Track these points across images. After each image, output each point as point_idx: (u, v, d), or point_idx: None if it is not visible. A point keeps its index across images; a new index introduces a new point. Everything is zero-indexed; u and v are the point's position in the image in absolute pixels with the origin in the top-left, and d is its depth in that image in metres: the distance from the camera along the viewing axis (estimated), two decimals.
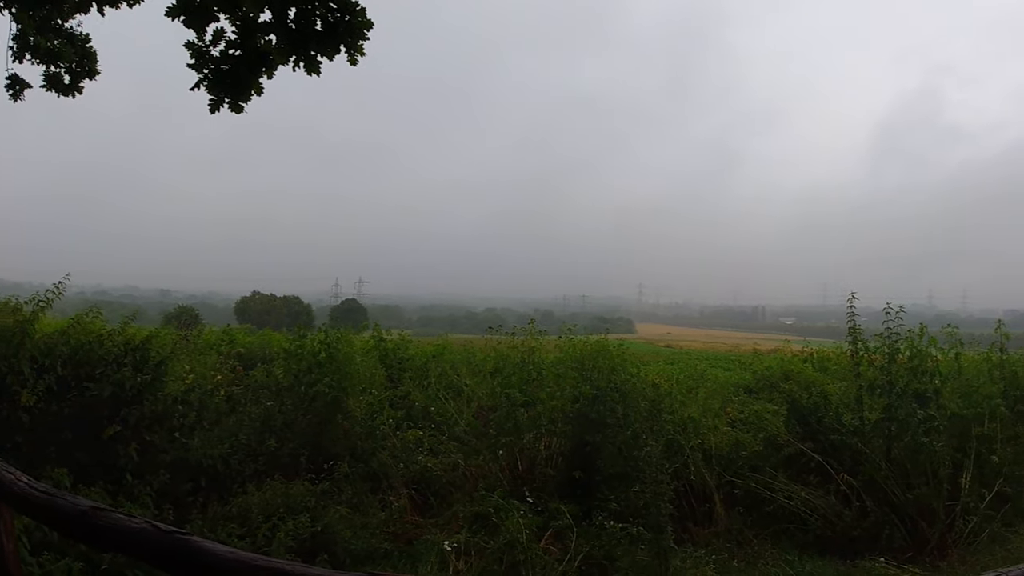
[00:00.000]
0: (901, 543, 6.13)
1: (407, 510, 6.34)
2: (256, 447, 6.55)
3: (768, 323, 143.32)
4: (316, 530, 5.48)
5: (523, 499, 6.01)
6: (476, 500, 6.07)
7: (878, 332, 7.07)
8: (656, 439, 6.30)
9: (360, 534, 5.64)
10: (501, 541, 5.37)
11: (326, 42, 3.88)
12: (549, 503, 6.05)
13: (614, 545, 5.45)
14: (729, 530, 6.29)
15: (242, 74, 4.00)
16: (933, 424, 6.50)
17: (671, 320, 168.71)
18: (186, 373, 6.90)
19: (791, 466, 6.83)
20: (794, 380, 7.70)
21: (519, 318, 77.05)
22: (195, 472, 6.16)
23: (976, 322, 48.91)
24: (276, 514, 5.54)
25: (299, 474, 6.36)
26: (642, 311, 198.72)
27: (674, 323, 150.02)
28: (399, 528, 6.06)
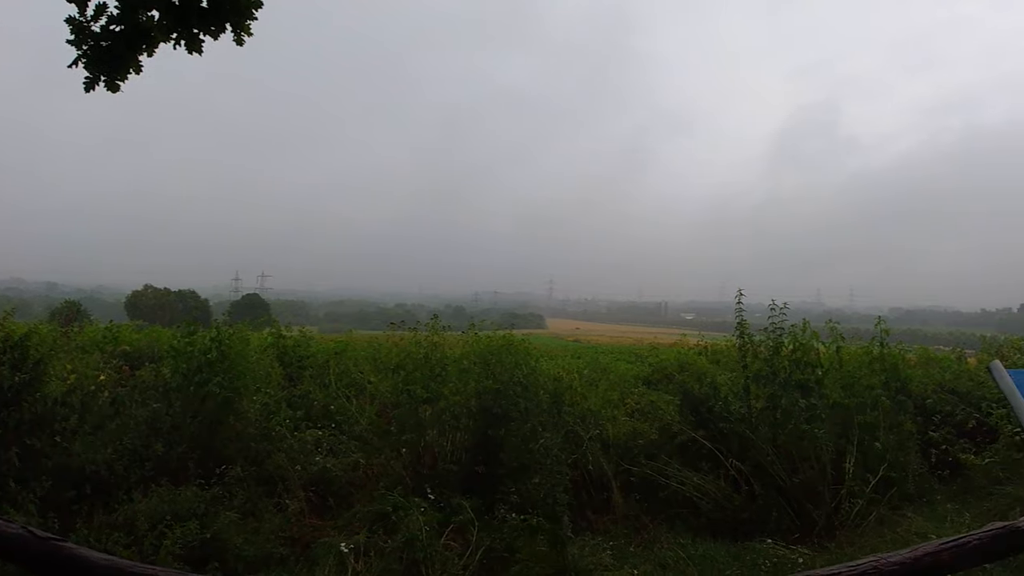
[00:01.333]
0: (790, 525, 6.46)
1: (304, 513, 6.15)
2: (142, 452, 6.21)
3: (670, 318, 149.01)
4: (206, 537, 5.28)
5: (425, 496, 6.00)
6: (376, 499, 5.99)
7: (763, 327, 7.47)
8: (557, 431, 6.41)
9: (253, 540, 5.46)
10: (400, 540, 5.33)
11: (210, 20, 3.66)
12: (451, 499, 6.05)
13: (515, 537, 5.53)
14: (626, 516, 6.48)
15: (121, 51, 3.76)
16: (815, 412, 6.91)
17: (580, 316, 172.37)
18: (67, 373, 6.45)
19: (685, 453, 7.11)
20: (688, 372, 8.00)
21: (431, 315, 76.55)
22: (79, 478, 5.81)
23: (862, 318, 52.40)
24: (163, 522, 5.32)
25: (188, 479, 6.08)
26: (552, 307, 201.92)
27: (583, 319, 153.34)
28: (296, 532, 5.88)
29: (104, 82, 3.80)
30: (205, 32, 3.68)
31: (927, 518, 6.73)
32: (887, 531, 6.40)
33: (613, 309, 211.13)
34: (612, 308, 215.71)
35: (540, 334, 65.51)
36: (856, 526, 6.49)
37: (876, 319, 8.59)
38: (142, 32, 3.67)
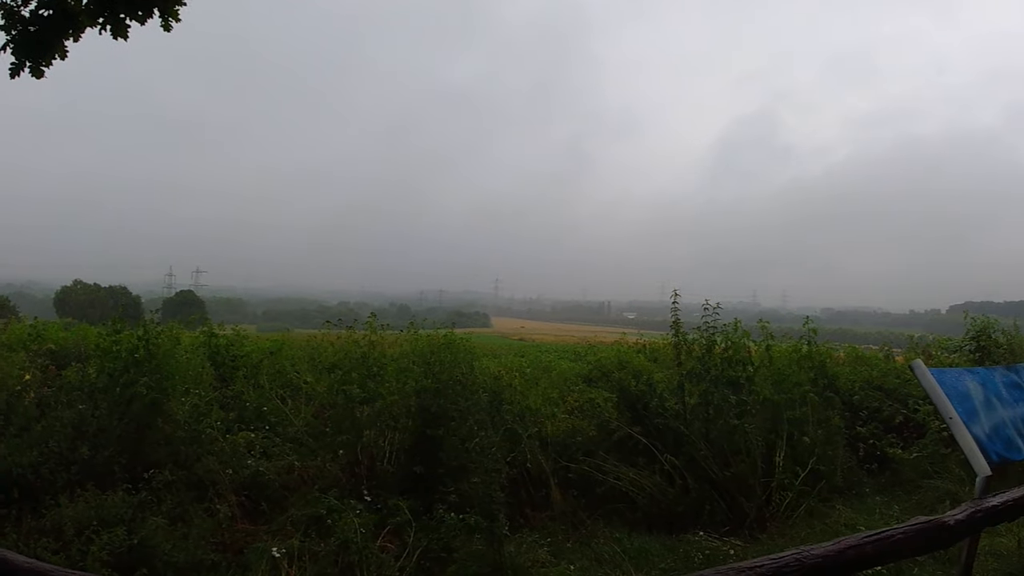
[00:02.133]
0: (722, 517, 6.62)
1: (236, 518, 5.97)
2: (68, 455, 5.93)
3: (613, 317, 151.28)
4: (133, 543, 5.08)
5: (361, 498, 5.90)
6: (310, 503, 5.87)
7: (696, 326, 7.65)
8: (496, 429, 6.43)
9: (182, 546, 5.27)
10: (334, 543, 5.24)
11: (136, 5, 3.62)
12: (388, 500, 5.97)
13: (453, 537, 5.50)
14: (564, 513, 6.54)
15: (48, 36, 3.63)
16: (745, 408, 7.11)
17: (525, 314, 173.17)
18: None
19: (621, 449, 7.22)
20: (626, 370, 8.10)
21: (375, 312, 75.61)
22: (6, 482, 5.57)
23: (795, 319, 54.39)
24: (90, 527, 5.12)
25: (116, 484, 5.81)
26: (498, 306, 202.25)
27: (528, 317, 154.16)
28: (227, 537, 5.70)
29: (29, 68, 3.66)
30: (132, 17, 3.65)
31: (856, 510, 7.02)
32: (817, 522, 6.63)
33: (558, 308, 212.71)
34: (557, 307, 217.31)
35: (486, 333, 65.56)
36: (787, 518, 6.70)
37: (805, 319, 8.89)
38: (69, 16, 3.60)
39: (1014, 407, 4.45)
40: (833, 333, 45.23)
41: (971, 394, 4.12)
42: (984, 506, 3.24)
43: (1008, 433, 4.17)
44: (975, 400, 4.10)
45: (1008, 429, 4.21)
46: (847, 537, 2.50)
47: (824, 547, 2.38)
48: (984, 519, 3.22)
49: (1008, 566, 5.16)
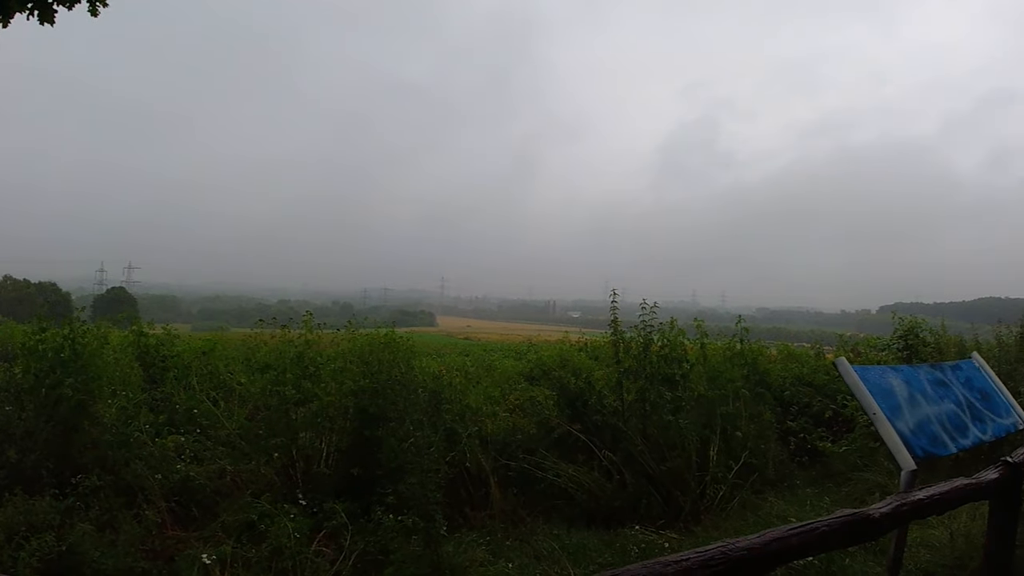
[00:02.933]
0: (659, 511, 6.71)
1: (166, 524, 5.76)
2: None
3: (558, 316, 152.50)
4: (62, 550, 4.91)
5: (296, 502, 5.77)
6: (243, 508, 5.71)
7: (634, 324, 7.77)
8: (435, 429, 6.37)
9: (111, 552, 5.07)
10: (266, 549, 5.12)
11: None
12: (324, 503, 5.84)
13: (390, 539, 5.41)
14: (504, 511, 6.53)
15: None
16: (680, 404, 7.27)
17: (471, 313, 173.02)
18: None
19: (561, 446, 7.26)
20: (567, 368, 8.16)
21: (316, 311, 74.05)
22: None
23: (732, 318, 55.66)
24: (19, 533, 4.97)
25: (43, 489, 5.59)
26: (444, 305, 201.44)
27: (474, 316, 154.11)
28: (158, 544, 5.50)
29: None
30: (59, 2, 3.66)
31: (788, 501, 7.20)
32: (750, 514, 6.78)
33: (504, 307, 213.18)
34: (503, 306, 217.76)
35: (431, 332, 65.18)
36: (721, 510, 6.86)
37: (738, 318, 9.14)
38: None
39: (939, 404, 4.61)
40: (768, 332, 46.61)
41: (895, 391, 4.26)
42: (909, 500, 3.30)
43: (933, 429, 4.31)
44: (899, 397, 4.25)
45: (933, 425, 4.35)
46: (772, 530, 2.54)
47: (749, 540, 2.42)
48: (910, 512, 3.30)
49: (941, 557, 5.29)
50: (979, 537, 4.80)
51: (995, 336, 10.64)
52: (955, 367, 5.36)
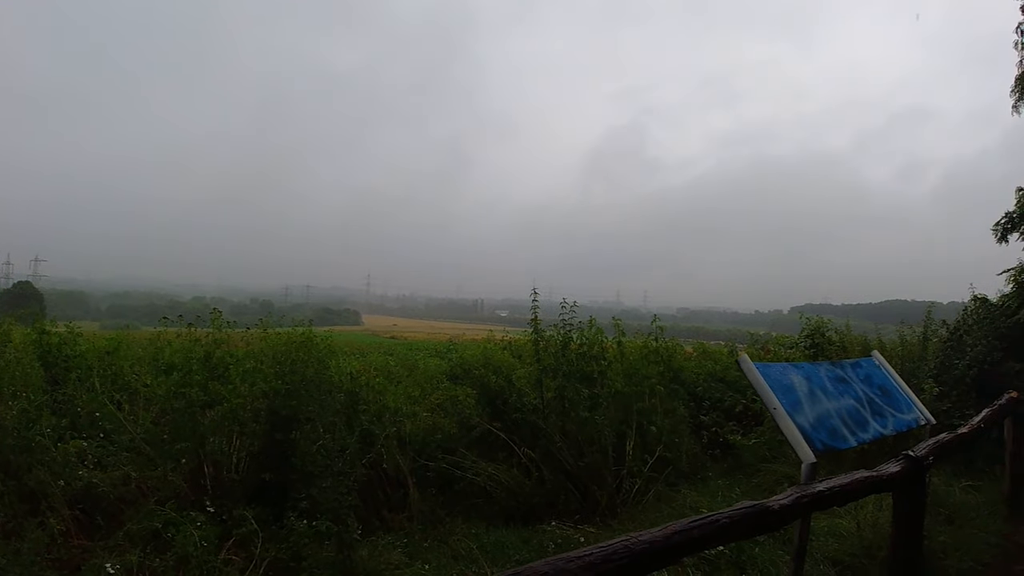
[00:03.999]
0: (577, 506, 6.81)
1: (71, 533, 5.44)
2: None
3: (486, 315, 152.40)
4: None
5: (204, 509, 5.55)
6: (148, 516, 5.45)
7: (554, 323, 7.90)
8: (351, 431, 6.26)
9: (16, 562, 4.76)
10: (171, 558, 4.91)
11: None
12: (234, 510, 5.64)
13: (303, 545, 5.25)
14: (422, 512, 6.46)
15: None
16: (597, 401, 7.41)
17: (398, 312, 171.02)
18: None
19: (482, 444, 7.29)
20: (488, 366, 8.20)
21: (234, 309, 71.17)
22: None
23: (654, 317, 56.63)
24: None
25: None
26: (370, 303, 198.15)
27: (401, 315, 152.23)
28: (64, 553, 5.21)
29: None
30: None
31: (701, 493, 7.40)
32: (664, 506, 6.94)
33: (431, 306, 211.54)
34: (431, 304, 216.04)
35: (356, 331, 63.95)
36: (637, 503, 7.02)
37: (653, 317, 9.42)
38: None
39: (839, 399, 4.84)
40: (688, 330, 47.94)
41: (795, 387, 4.45)
42: (809, 491, 3.44)
43: (833, 423, 4.51)
44: (799, 392, 4.44)
45: (833, 420, 4.55)
46: (674, 523, 2.61)
47: (652, 533, 2.48)
48: (810, 504, 3.43)
49: (849, 546, 5.49)
50: (886, 527, 4.99)
51: (898, 336, 11.25)
52: (855, 364, 5.65)
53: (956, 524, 6.31)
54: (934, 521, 6.07)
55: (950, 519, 6.41)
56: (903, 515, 4.42)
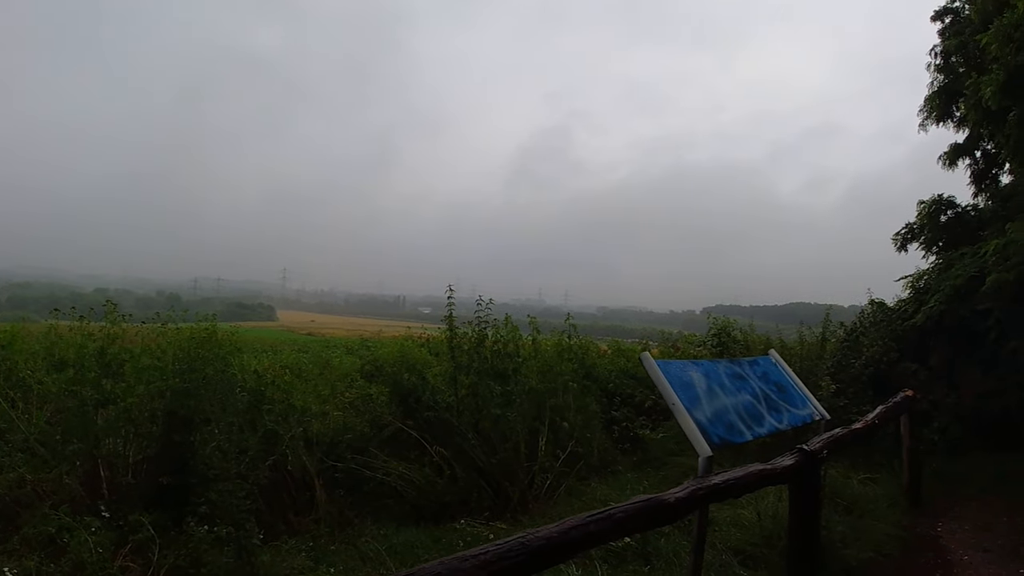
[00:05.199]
0: (489, 503, 6.81)
1: None
2: None
3: (408, 312, 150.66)
4: None
5: (99, 514, 5.24)
6: (43, 520, 5.12)
7: (470, 320, 7.90)
8: (254, 432, 6.08)
9: None
10: (66, 564, 4.66)
11: None
12: (129, 515, 5.34)
13: (203, 551, 5.04)
14: (330, 514, 6.30)
15: None
16: (510, 398, 7.44)
17: (316, 307, 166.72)
18: None
19: (394, 444, 7.21)
20: (401, 364, 8.11)
21: (139, 302, 67.61)
22: None
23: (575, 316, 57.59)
24: None
25: None
26: (286, 298, 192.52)
27: (319, 311, 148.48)
28: None
29: None
30: None
31: (611, 486, 7.51)
32: (575, 500, 7.01)
33: (352, 302, 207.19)
34: (351, 300, 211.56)
35: (271, 327, 61.85)
36: (549, 498, 7.09)
37: (566, 315, 9.56)
38: None
39: (736, 395, 5.02)
40: (606, 329, 48.86)
41: (694, 383, 4.61)
42: (705, 484, 3.53)
43: (730, 418, 4.68)
44: (698, 389, 4.59)
45: (730, 415, 4.72)
46: (571, 518, 2.63)
47: (549, 529, 2.49)
48: (706, 496, 3.52)
49: (751, 536, 5.62)
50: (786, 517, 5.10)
51: (799, 336, 11.82)
52: (753, 362, 5.89)
53: (855, 514, 6.57)
54: (833, 511, 6.33)
55: (849, 509, 6.67)
56: (799, 506, 4.60)
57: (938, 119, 14.75)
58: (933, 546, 6.44)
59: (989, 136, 13.04)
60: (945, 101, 14.44)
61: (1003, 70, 10.10)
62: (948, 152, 14.79)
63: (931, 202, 13.73)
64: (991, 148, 13.93)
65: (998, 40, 9.98)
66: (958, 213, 13.60)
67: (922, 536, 6.71)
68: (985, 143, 13.98)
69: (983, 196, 14.44)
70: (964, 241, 12.11)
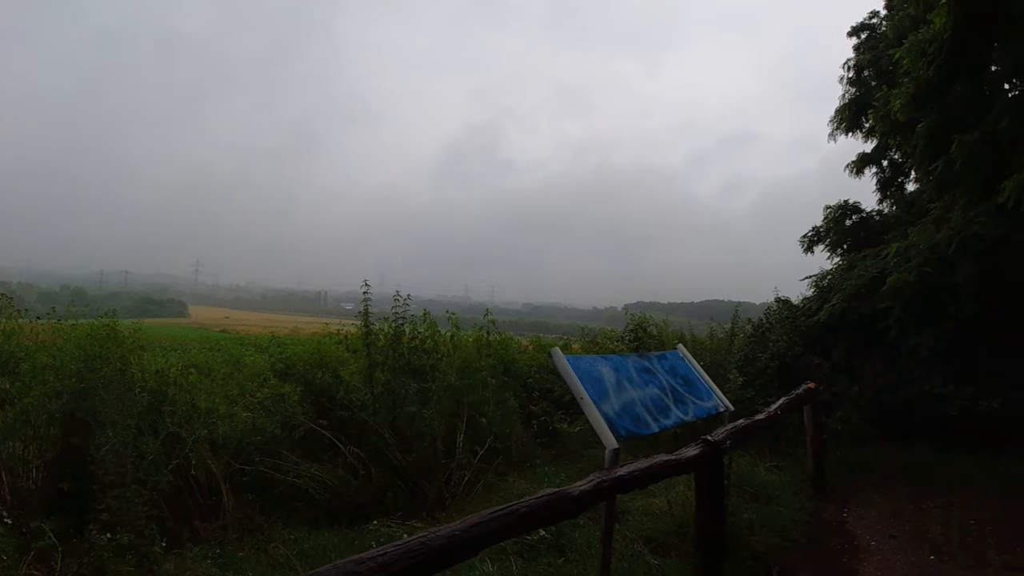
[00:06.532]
0: (405, 503, 6.74)
1: None
2: None
3: (330, 308, 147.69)
4: None
5: (2, 520, 4.96)
6: None
7: (386, 316, 7.82)
8: (156, 435, 5.82)
9: None
10: None
11: None
12: (32, 522, 5.05)
13: (106, 559, 4.80)
14: (239, 520, 6.06)
15: None
16: (427, 395, 7.42)
17: (232, 303, 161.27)
18: None
19: (305, 445, 7.00)
20: (313, 361, 7.94)
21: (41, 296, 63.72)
22: None
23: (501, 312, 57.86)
24: None
25: None
26: (199, 293, 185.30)
27: (234, 306, 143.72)
28: None
29: None
30: None
31: (529, 480, 7.60)
32: (493, 496, 7.01)
33: (269, 297, 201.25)
34: (268, 296, 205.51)
35: (182, 323, 59.49)
36: (466, 495, 7.07)
37: (485, 311, 9.61)
38: None
39: (644, 388, 5.16)
40: (531, 325, 49.13)
41: (603, 378, 4.71)
42: (611, 476, 3.56)
43: (637, 411, 4.79)
44: (607, 383, 4.69)
45: (638, 407, 4.84)
46: (474, 515, 2.62)
47: (451, 527, 2.47)
48: (612, 488, 3.55)
49: (662, 524, 5.76)
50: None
51: (709, 332, 12.26)
52: (661, 356, 6.06)
53: (762, 502, 6.79)
54: (741, 499, 6.60)
55: (756, 497, 6.90)
56: (705, 494, 4.74)
57: (847, 130, 15.81)
58: (840, 532, 6.66)
59: (896, 146, 14.01)
60: (855, 113, 15.46)
61: (913, 83, 10.83)
62: (856, 161, 15.84)
63: (837, 207, 14.65)
64: (898, 158, 14.97)
65: (911, 54, 10.69)
66: (863, 218, 14.54)
67: (828, 522, 6.93)
68: (892, 153, 15.03)
69: (888, 202, 15.52)
70: (868, 244, 12.91)
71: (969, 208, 9.92)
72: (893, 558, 5.96)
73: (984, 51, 10.29)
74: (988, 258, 9.29)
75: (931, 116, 10.97)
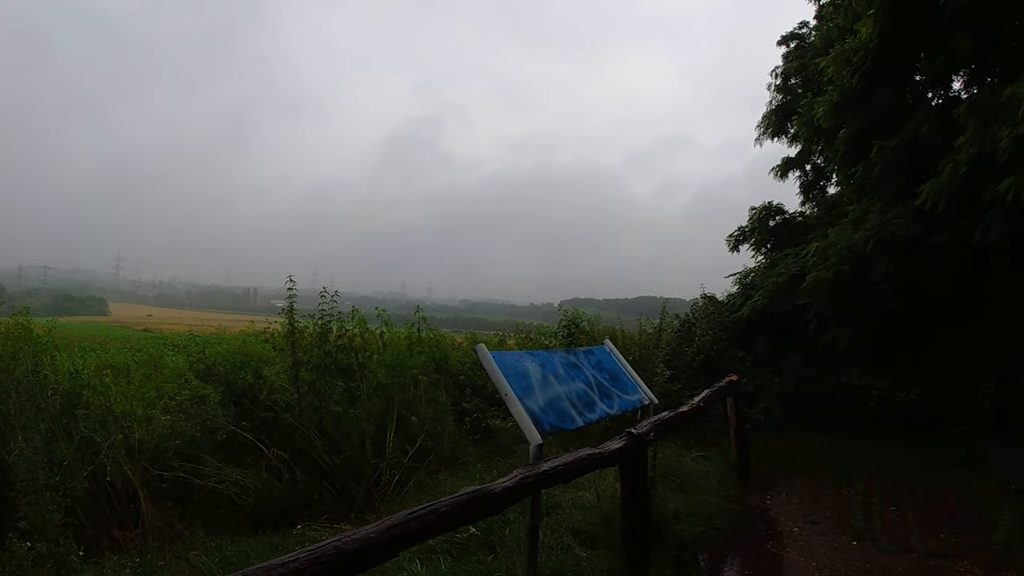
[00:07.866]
0: (333, 505, 6.61)
1: None
2: None
3: (260, 305, 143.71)
4: None
5: None
6: None
7: (311, 313, 7.64)
8: (69, 440, 5.55)
9: None
10: None
11: None
12: None
13: (26, 568, 4.61)
14: (158, 527, 5.84)
15: None
16: (355, 394, 7.28)
17: (154, 300, 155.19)
18: None
19: (227, 448, 6.79)
20: (237, 361, 7.70)
21: None
22: None
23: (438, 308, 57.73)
24: None
25: None
26: (120, 289, 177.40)
27: (158, 304, 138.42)
28: None
29: None
30: None
31: (461, 477, 7.54)
32: (425, 495, 6.93)
33: (195, 294, 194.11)
34: (194, 293, 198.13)
35: (102, 322, 56.83)
36: (397, 494, 6.99)
37: (416, 308, 9.53)
38: None
39: (570, 383, 5.20)
40: (469, 321, 49.15)
41: (529, 373, 4.72)
42: (535, 472, 3.56)
43: (562, 406, 4.82)
44: (532, 379, 4.71)
45: (563, 402, 4.87)
46: (392, 516, 2.56)
47: (367, 529, 2.42)
48: (536, 483, 3.56)
49: (591, 517, 5.78)
50: None
51: (639, 327, 12.49)
52: (588, 352, 6.14)
53: (688, 491, 6.93)
54: (667, 489, 6.73)
55: (682, 486, 7.04)
56: (629, 486, 4.80)
57: (774, 135, 16.48)
58: (763, 519, 6.88)
59: (819, 152, 14.65)
60: (781, 119, 16.11)
61: (837, 91, 11.32)
62: (780, 165, 16.53)
63: (762, 208, 15.21)
64: (820, 162, 15.72)
65: (836, 63, 11.17)
66: (786, 219, 15.15)
67: (752, 509, 7.15)
68: (815, 158, 15.77)
69: (810, 204, 16.26)
70: (790, 244, 13.45)
71: (887, 210, 10.44)
72: (815, 543, 6.16)
73: (910, 60, 10.84)
74: (905, 258, 9.78)
75: (853, 122, 11.55)
